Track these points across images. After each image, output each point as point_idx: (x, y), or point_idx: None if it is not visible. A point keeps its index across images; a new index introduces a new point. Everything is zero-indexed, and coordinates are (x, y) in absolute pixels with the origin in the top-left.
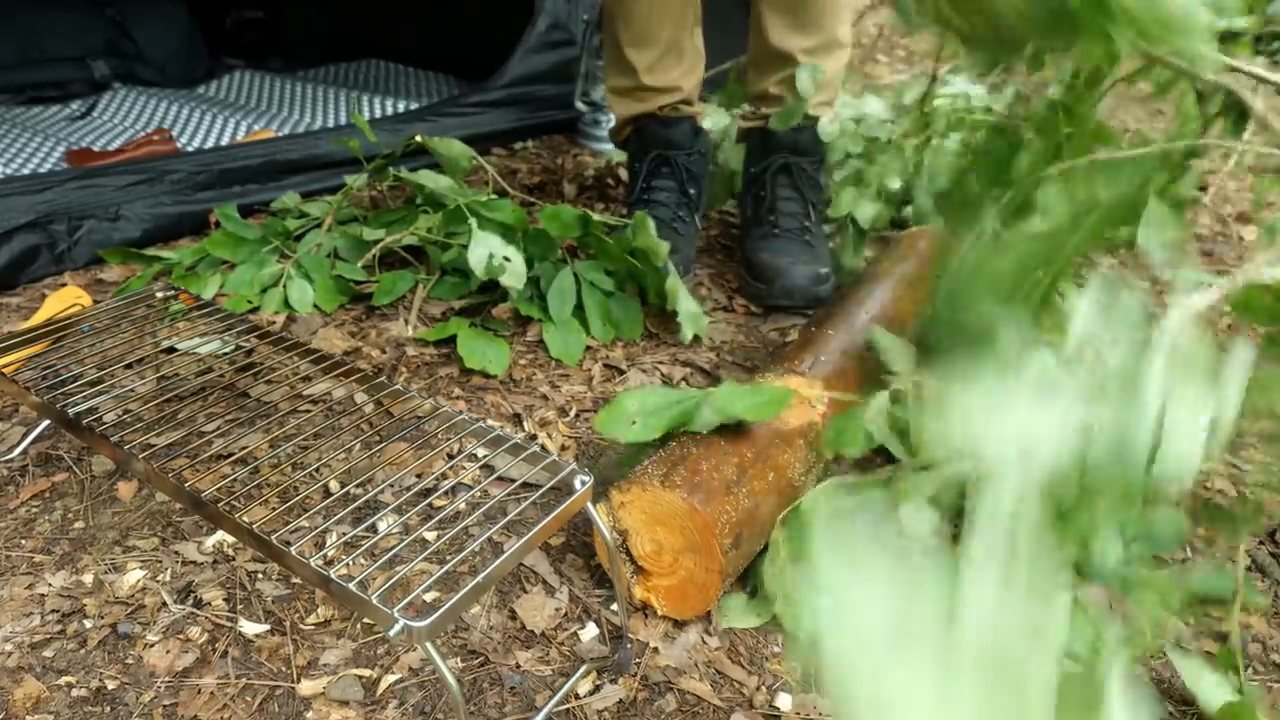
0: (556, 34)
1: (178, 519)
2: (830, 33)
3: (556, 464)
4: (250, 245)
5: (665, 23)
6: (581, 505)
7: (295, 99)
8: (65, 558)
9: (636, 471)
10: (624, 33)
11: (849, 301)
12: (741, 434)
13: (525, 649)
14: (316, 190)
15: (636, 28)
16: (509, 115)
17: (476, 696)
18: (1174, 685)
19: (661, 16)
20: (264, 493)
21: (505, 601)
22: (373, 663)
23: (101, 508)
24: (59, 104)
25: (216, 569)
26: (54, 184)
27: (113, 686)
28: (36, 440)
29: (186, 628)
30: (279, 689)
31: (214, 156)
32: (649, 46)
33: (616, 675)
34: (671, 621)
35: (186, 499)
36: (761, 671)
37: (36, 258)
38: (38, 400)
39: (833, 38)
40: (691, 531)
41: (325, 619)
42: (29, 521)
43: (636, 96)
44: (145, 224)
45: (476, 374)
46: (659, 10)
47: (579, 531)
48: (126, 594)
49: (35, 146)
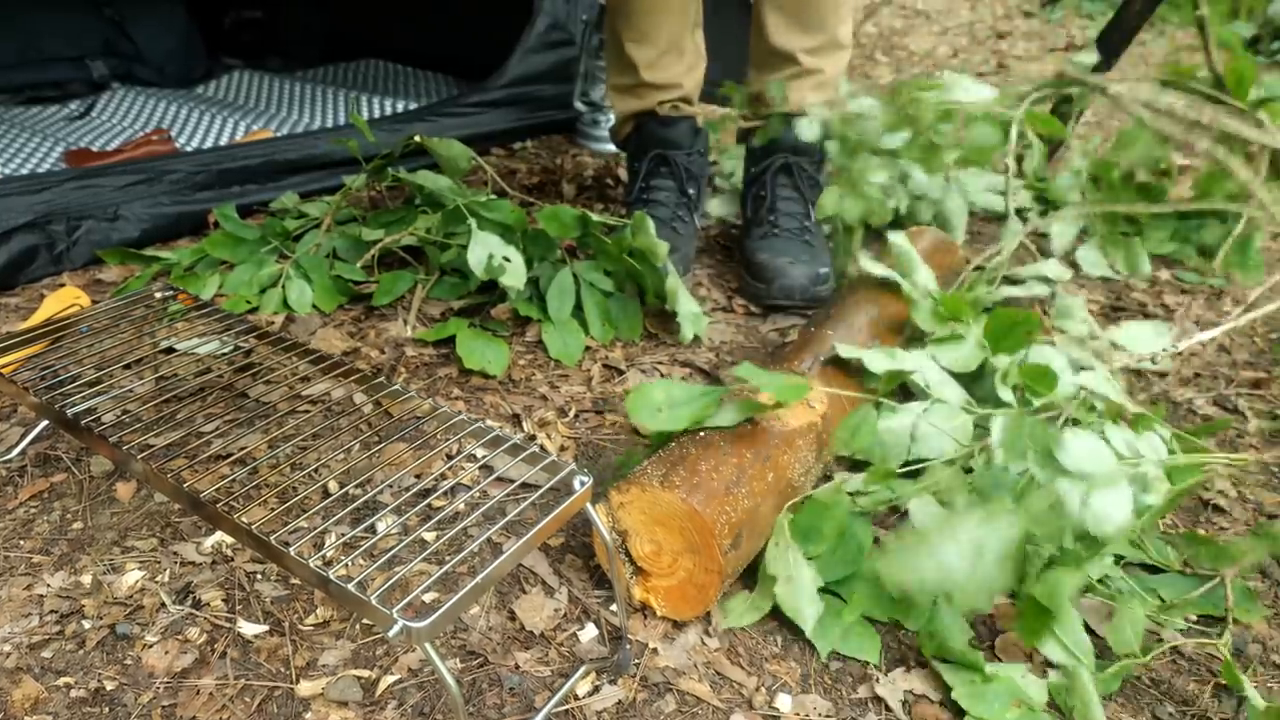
0: (556, 34)
1: (176, 519)
2: (832, 33)
3: (556, 464)
4: (249, 245)
5: (666, 20)
6: (581, 506)
7: (294, 99)
8: (64, 558)
9: (636, 472)
10: (625, 29)
11: (848, 302)
12: (741, 435)
13: (524, 650)
14: (315, 190)
15: (638, 25)
16: (508, 115)
17: (476, 697)
18: (1174, 686)
19: (663, 13)
20: (263, 493)
21: (504, 602)
22: (372, 663)
23: (100, 508)
24: (57, 104)
25: (215, 569)
26: (52, 184)
27: (111, 687)
28: (35, 441)
29: (185, 628)
30: (278, 690)
31: (213, 157)
32: (650, 44)
33: (616, 676)
34: (671, 622)
35: (185, 499)
36: (761, 672)
37: (35, 258)
38: (36, 401)
39: (834, 38)
40: (691, 532)
41: (324, 620)
42: (27, 522)
43: (637, 94)
44: (144, 224)
45: (475, 374)
46: (660, 7)
47: (578, 532)
48: (125, 595)
49: (34, 147)
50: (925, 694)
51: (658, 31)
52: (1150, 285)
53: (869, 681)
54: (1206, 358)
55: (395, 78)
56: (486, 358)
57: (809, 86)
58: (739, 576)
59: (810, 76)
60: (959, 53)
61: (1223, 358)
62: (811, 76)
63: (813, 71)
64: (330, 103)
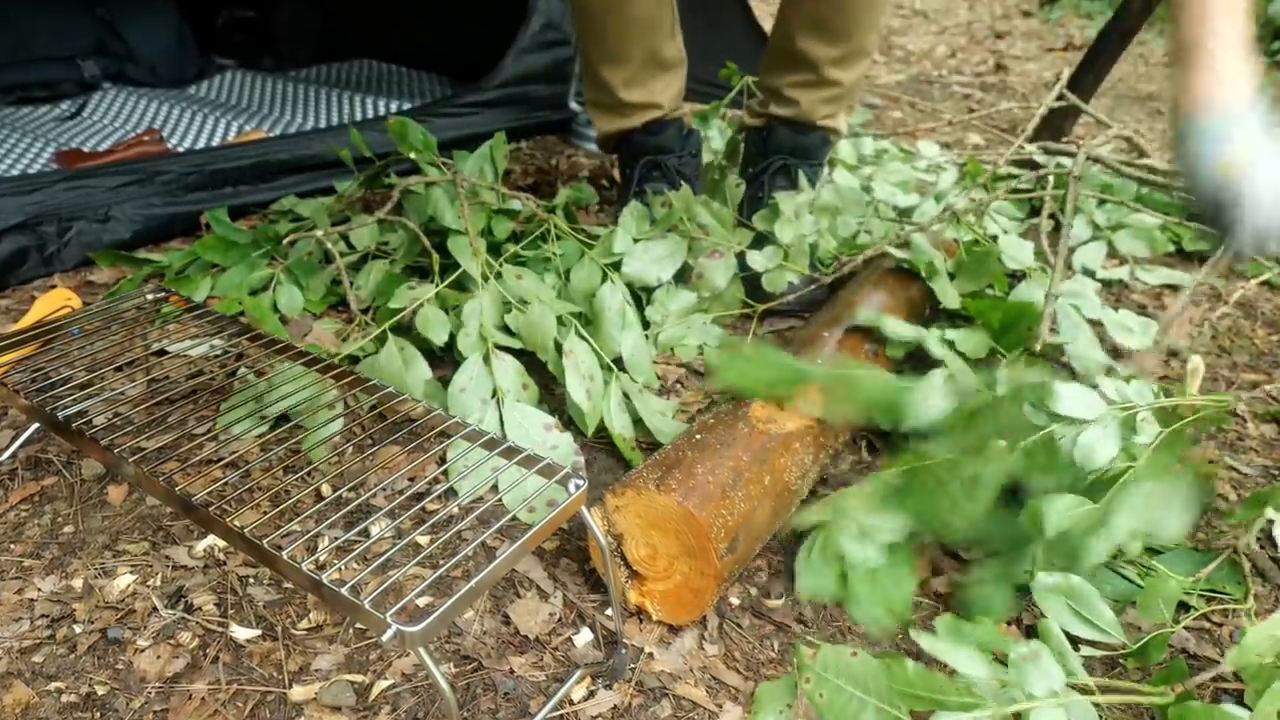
0: (550, 34)
1: (168, 523)
2: (859, 43)
3: (551, 468)
4: (240, 249)
5: (637, 38)
6: (576, 509)
7: (287, 99)
8: (55, 562)
9: (631, 475)
10: (595, 50)
11: (845, 304)
12: (738, 437)
13: (519, 654)
14: (309, 191)
15: (609, 45)
16: (503, 116)
17: (470, 702)
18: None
19: (632, 31)
20: (255, 496)
21: (499, 606)
22: (365, 668)
23: (91, 512)
24: (48, 104)
25: (207, 573)
26: (43, 185)
27: (103, 692)
28: (25, 444)
29: (177, 633)
30: (270, 694)
31: (205, 157)
32: (623, 63)
33: (611, 681)
34: (667, 627)
35: (177, 503)
36: (758, 677)
37: (26, 259)
38: (27, 403)
39: (860, 47)
40: (687, 535)
41: (317, 624)
42: (18, 525)
43: (618, 112)
44: (135, 225)
45: None
46: (629, 26)
47: (573, 536)
48: (117, 599)
49: (24, 147)
50: None
51: (630, 50)
52: (1150, 287)
53: None
54: (1206, 359)
55: (389, 78)
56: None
57: (822, 99)
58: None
59: (827, 88)
60: (957, 52)
61: (1223, 359)
62: (829, 88)
63: (831, 83)
64: (323, 103)
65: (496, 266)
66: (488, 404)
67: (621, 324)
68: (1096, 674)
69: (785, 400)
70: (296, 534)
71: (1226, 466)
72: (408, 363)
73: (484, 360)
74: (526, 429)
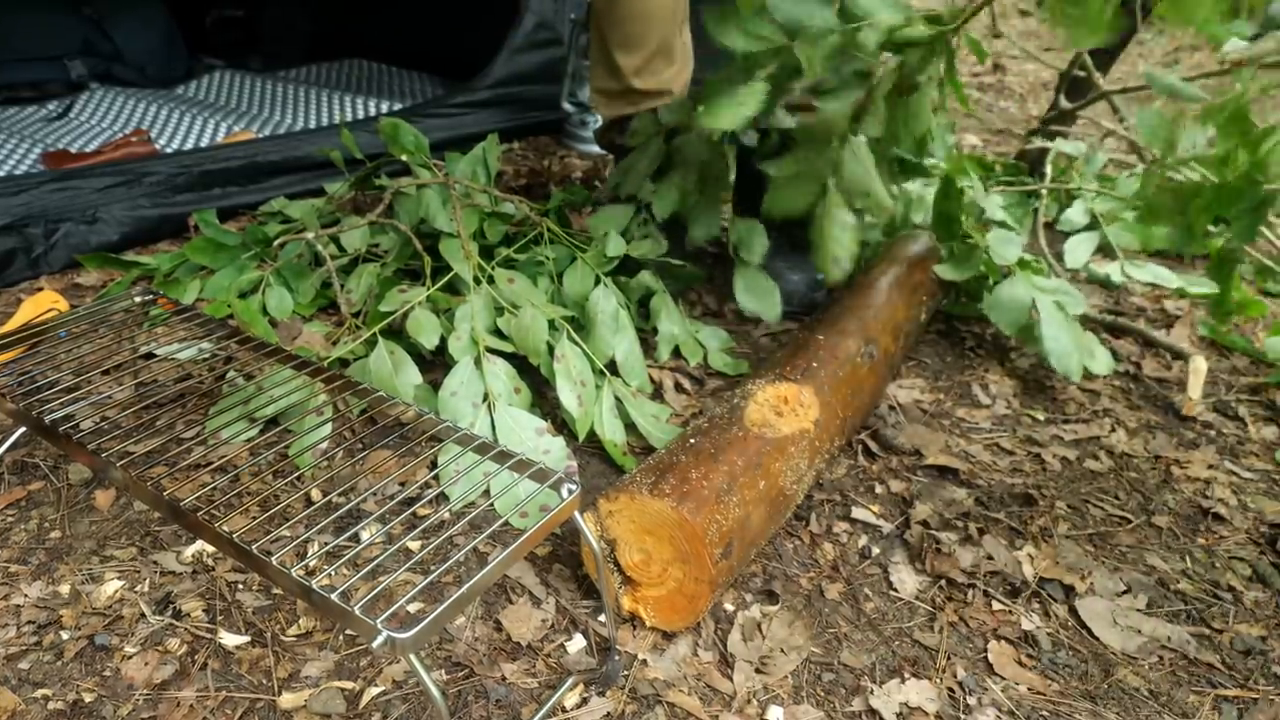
0: (543, 34)
1: (156, 528)
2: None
3: (543, 472)
4: (230, 252)
5: (656, 24)
6: (569, 514)
7: (276, 100)
8: (41, 568)
9: (625, 479)
10: (612, 34)
11: (841, 307)
12: (733, 442)
13: (511, 661)
14: (299, 193)
15: (626, 29)
16: (494, 116)
17: (461, 709)
18: (1174, 698)
19: (651, 18)
20: (244, 501)
21: (491, 612)
22: (355, 675)
23: (78, 517)
24: (35, 104)
25: (196, 579)
26: (30, 186)
27: (90, 699)
28: (11, 448)
29: (165, 639)
30: (259, 701)
31: (193, 158)
32: (638, 49)
33: (604, 687)
34: (660, 633)
35: (165, 508)
36: (752, 684)
37: (12, 262)
38: (13, 407)
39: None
40: (681, 541)
41: (307, 630)
42: (4, 531)
43: (626, 99)
44: (124, 227)
45: None
46: (650, 11)
47: (566, 541)
48: (104, 605)
49: (11, 148)
50: (920, 705)
51: (647, 36)
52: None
53: (863, 694)
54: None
55: (379, 78)
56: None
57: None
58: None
59: None
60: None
61: (1223, 363)
62: None
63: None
64: (313, 103)
65: (489, 269)
66: (479, 408)
67: (615, 328)
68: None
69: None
70: (286, 539)
71: (1226, 471)
72: (398, 366)
73: (476, 364)
74: (519, 433)
